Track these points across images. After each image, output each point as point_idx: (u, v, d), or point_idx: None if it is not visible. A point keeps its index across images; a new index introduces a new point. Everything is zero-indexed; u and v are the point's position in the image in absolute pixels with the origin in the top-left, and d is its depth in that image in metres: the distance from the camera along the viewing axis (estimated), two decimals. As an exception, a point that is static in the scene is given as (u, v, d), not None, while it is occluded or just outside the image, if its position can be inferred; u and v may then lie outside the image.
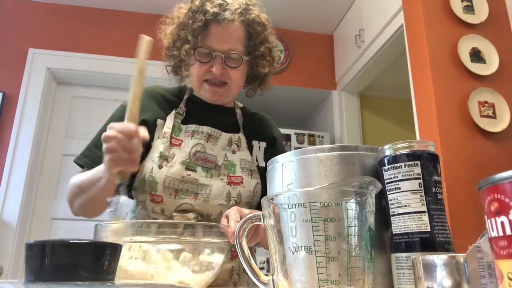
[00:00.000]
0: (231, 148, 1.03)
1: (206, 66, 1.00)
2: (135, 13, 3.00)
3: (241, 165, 1.02)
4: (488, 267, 0.36)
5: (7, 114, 2.66)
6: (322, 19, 3.12)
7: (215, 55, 0.99)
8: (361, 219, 0.40)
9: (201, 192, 0.94)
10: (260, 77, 1.11)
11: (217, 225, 0.66)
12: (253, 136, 1.10)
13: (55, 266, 0.29)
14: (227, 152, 1.02)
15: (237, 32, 1.01)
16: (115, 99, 2.92)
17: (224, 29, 0.99)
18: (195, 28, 0.99)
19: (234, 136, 1.05)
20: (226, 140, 1.03)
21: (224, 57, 0.99)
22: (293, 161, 0.55)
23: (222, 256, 0.65)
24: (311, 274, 0.38)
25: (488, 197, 0.30)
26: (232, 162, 1.01)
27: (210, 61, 0.99)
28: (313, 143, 2.98)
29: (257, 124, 1.14)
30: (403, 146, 0.50)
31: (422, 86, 1.82)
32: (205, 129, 1.02)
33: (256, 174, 1.04)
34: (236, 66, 1.00)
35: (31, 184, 2.63)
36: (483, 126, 1.67)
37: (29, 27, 2.86)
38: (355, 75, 2.88)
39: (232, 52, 1.00)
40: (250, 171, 1.03)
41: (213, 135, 1.02)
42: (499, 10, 1.90)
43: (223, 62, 0.99)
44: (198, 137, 1.01)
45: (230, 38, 1.00)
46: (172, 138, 1.00)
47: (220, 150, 1.01)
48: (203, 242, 0.62)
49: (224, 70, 1.00)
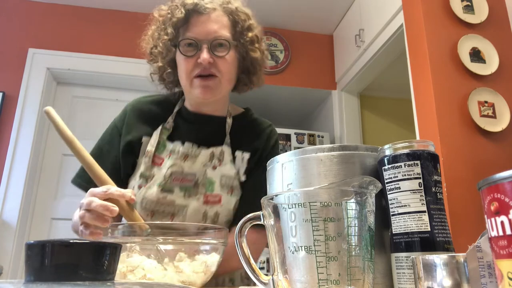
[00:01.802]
0: (212, 163, 0.96)
1: (193, 60, 0.94)
2: (135, 13, 3.00)
3: (221, 182, 0.95)
4: (488, 267, 0.36)
5: (7, 114, 2.65)
6: (322, 19, 3.12)
7: (200, 45, 0.93)
8: (361, 219, 0.40)
9: (178, 213, 0.92)
10: (252, 66, 1.03)
11: (213, 226, 0.67)
12: (238, 146, 1.02)
13: (55, 266, 0.29)
14: (208, 168, 0.96)
15: (220, 19, 0.96)
16: (115, 99, 2.92)
17: (206, 17, 0.94)
18: (175, 22, 0.94)
19: (217, 149, 0.98)
20: (207, 155, 0.97)
21: (211, 46, 0.93)
22: (293, 161, 0.55)
23: (217, 256, 0.66)
24: (311, 274, 0.38)
25: (488, 197, 0.30)
26: (211, 179, 0.95)
27: (196, 53, 0.93)
28: (313, 143, 2.98)
29: (247, 131, 1.06)
30: (403, 146, 0.50)
31: (422, 86, 1.82)
32: (182, 148, 0.96)
33: (237, 191, 0.97)
34: (225, 54, 0.94)
35: (31, 184, 2.63)
36: (483, 126, 1.68)
37: (29, 27, 2.86)
38: (355, 75, 2.88)
39: (218, 39, 0.94)
40: (231, 187, 0.96)
41: (191, 154, 0.96)
42: (499, 9, 1.90)
43: (210, 51, 0.93)
44: (175, 157, 0.95)
45: (213, 25, 0.94)
46: (155, 157, 0.96)
47: (200, 167, 0.95)
48: (198, 243, 0.63)
49: (212, 60, 0.93)
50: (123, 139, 1.00)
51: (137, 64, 2.68)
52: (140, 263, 0.59)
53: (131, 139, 0.98)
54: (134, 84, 2.85)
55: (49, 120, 0.74)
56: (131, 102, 1.08)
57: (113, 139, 1.02)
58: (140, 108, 1.04)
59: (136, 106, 1.05)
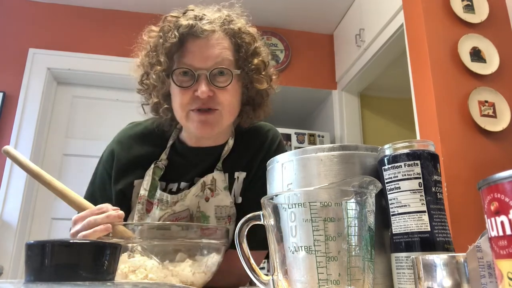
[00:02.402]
0: (204, 194, 0.86)
1: (190, 92, 0.81)
2: (135, 13, 3.00)
3: (217, 214, 0.85)
4: (488, 267, 0.36)
5: (7, 114, 2.66)
6: (322, 18, 3.12)
7: (197, 75, 0.80)
8: (361, 219, 0.40)
9: None
10: (258, 97, 0.90)
11: (214, 226, 0.66)
12: (236, 167, 0.90)
13: (55, 266, 0.29)
14: (200, 200, 0.86)
15: (221, 43, 0.82)
16: (115, 99, 2.92)
17: (203, 41, 0.81)
18: (169, 47, 0.80)
19: (207, 178, 0.87)
20: (198, 187, 0.86)
21: (210, 75, 0.80)
22: (293, 161, 0.55)
23: (218, 256, 0.66)
24: (311, 274, 0.38)
25: (488, 197, 0.30)
26: (205, 213, 0.85)
27: (193, 84, 0.80)
28: (313, 142, 2.98)
29: (244, 147, 0.93)
30: (403, 146, 0.50)
31: (422, 85, 1.82)
32: (170, 198, 0.85)
33: (235, 217, 0.87)
34: (226, 85, 0.81)
35: (31, 184, 2.63)
36: (483, 125, 1.67)
37: (29, 27, 2.86)
38: (355, 75, 2.88)
39: (219, 67, 0.81)
40: (228, 217, 0.86)
41: (180, 198, 0.86)
42: (499, 9, 1.90)
43: (209, 82, 0.80)
44: (163, 207, 0.85)
45: (213, 50, 0.81)
46: (147, 202, 0.86)
47: (192, 200, 0.86)
48: (199, 243, 0.63)
49: (211, 93, 0.80)
50: (114, 187, 0.91)
51: (137, 64, 2.68)
52: (142, 263, 0.59)
53: (122, 187, 0.89)
54: (134, 84, 2.84)
55: (10, 159, 0.71)
56: (118, 138, 0.96)
57: (104, 184, 0.93)
58: (129, 148, 0.93)
59: (125, 144, 0.93)
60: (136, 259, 0.60)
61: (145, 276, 0.58)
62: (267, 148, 0.95)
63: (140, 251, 0.60)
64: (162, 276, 0.58)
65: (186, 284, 0.60)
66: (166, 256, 0.61)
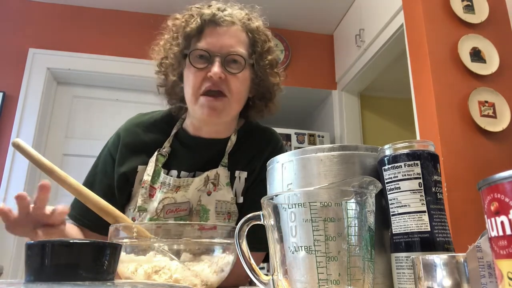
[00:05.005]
0: (207, 188, 0.88)
1: (203, 73, 0.85)
2: (135, 13, 3.00)
3: (217, 209, 0.87)
4: (488, 267, 0.36)
5: (7, 114, 2.66)
6: (322, 19, 3.12)
7: (212, 58, 0.85)
8: (361, 219, 0.40)
9: None
10: (270, 91, 0.95)
11: (224, 225, 0.65)
12: (236, 165, 0.93)
13: (55, 266, 0.29)
14: (202, 194, 0.88)
15: (238, 35, 0.88)
16: (115, 99, 2.92)
17: (223, 29, 0.87)
18: (189, 32, 0.87)
19: (211, 172, 0.89)
20: (201, 180, 0.88)
21: (224, 60, 0.85)
22: (293, 161, 0.55)
23: (231, 256, 0.65)
24: (311, 274, 0.38)
25: (488, 197, 0.30)
26: (205, 207, 0.87)
27: (207, 67, 0.85)
28: (313, 143, 2.98)
29: (247, 146, 0.96)
30: (403, 146, 0.50)
31: (422, 85, 1.82)
32: (173, 181, 0.88)
33: (235, 216, 0.89)
34: (238, 71, 0.86)
35: (31, 184, 2.63)
36: (483, 125, 1.67)
37: (29, 27, 2.86)
38: (355, 75, 2.88)
39: (233, 54, 0.86)
40: (228, 213, 0.88)
41: (183, 185, 0.88)
42: (499, 9, 1.90)
43: (223, 66, 0.85)
44: (165, 190, 0.87)
45: (230, 39, 0.87)
46: (151, 188, 0.88)
47: (194, 193, 0.87)
48: (210, 243, 0.62)
49: (223, 76, 0.84)
50: (117, 170, 0.93)
51: (137, 64, 2.69)
52: (166, 264, 0.58)
53: (126, 170, 0.92)
54: (134, 84, 2.85)
55: (20, 153, 0.66)
56: (124, 125, 1.00)
57: (107, 167, 0.95)
58: (135, 134, 0.96)
59: (131, 131, 0.97)
60: (159, 259, 0.59)
61: (170, 277, 0.57)
62: (270, 150, 0.97)
63: (163, 251, 0.59)
64: (187, 276, 0.57)
65: (206, 284, 0.59)
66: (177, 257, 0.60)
